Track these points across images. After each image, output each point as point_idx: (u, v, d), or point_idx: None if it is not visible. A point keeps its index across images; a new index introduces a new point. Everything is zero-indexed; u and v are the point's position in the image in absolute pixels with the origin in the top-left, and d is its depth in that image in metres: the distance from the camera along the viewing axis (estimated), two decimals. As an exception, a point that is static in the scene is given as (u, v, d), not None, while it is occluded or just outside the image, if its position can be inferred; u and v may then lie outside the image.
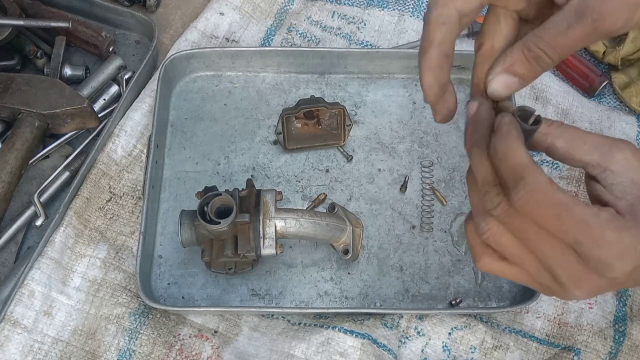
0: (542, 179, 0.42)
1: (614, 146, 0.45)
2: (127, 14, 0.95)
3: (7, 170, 0.80)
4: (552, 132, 0.46)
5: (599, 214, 0.42)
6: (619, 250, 0.42)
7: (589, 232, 0.42)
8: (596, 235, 0.42)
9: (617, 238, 0.42)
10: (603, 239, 0.42)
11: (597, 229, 0.42)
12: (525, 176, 0.42)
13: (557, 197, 0.42)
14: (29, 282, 0.76)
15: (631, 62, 0.94)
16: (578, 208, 0.42)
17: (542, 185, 0.42)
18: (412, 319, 0.77)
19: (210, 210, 0.71)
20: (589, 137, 0.46)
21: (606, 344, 0.76)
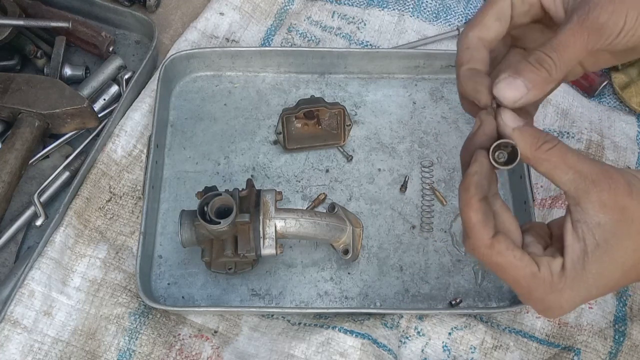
0: (482, 243, 0.47)
1: (592, 184, 0.46)
2: (127, 14, 0.95)
3: (7, 170, 0.80)
4: (537, 157, 0.47)
5: (535, 275, 0.47)
6: (547, 304, 0.48)
7: (520, 289, 0.49)
8: (526, 292, 0.48)
9: (543, 297, 0.48)
10: (531, 296, 0.48)
11: (527, 289, 0.48)
12: (469, 236, 0.48)
13: (494, 259, 0.47)
14: (29, 282, 0.76)
15: (631, 62, 0.94)
16: (512, 270, 0.47)
17: (481, 247, 0.47)
18: (412, 319, 0.77)
19: (210, 210, 0.71)
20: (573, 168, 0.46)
21: (606, 344, 0.76)
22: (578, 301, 0.48)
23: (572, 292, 0.47)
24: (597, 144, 0.87)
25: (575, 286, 0.47)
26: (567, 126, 0.89)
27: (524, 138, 0.48)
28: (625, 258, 0.47)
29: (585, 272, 0.47)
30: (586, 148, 0.86)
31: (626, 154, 0.88)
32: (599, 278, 0.47)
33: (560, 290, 0.47)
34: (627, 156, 0.87)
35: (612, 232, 0.46)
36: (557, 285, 0.47)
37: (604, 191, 0.46)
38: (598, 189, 0.46)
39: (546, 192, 0.85)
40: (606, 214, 0.46)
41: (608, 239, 0.46)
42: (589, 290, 0.48)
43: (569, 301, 0.48)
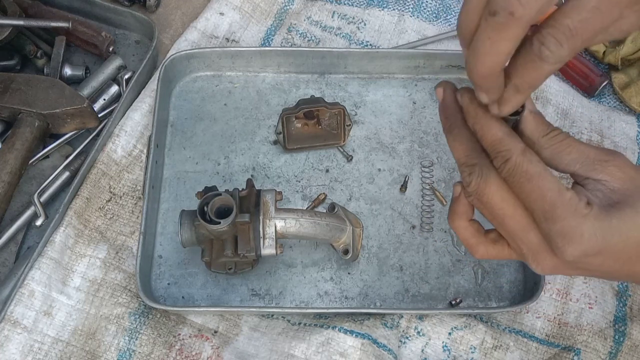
0: (517, 149, 0.46)
1: (597, 160, 0.48)
2: (127, 14, 0.95)
3: (7, 170, 0.80)
4: (542, 143, 0.48)
5: (561, 192, 0.45)
6: (566, 229, 0.45)
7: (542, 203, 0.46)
8: (548, 208, 0.45)
9: (566, 217, 0.45)
10: (553, 213, 0.45)
11: (551, 203, 0.45)
12: (501, 149, 0.46)
13: (526, 167, 0.46)
14: (29, 282, 0.76)
15: (631, 62, 0.94)
16: (541, 180, 0.45)
17: (515, 155, 0.46)
18: (412, 319, 0.77)
19: (210, 210, 0.71)
20: (576, 150, 0.48)
21: (606, 344, 0.76)
22: (600, 238, 0.45)
23: (595, 223, 0.45)
24: (597, 144, 0.87)
25: (599, 220, 0.46)
26: (567, 126, 0.89)
27: (536, 123, 0.49)
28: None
29: (610, 215, 0.46)
30: (586, 148, 0.86)
31: (626, 154, 0.87)
32: (624, 226, 0.46)
33: (584, 216, 0.46)
34: (627, 156, 0.86)
35: (630, 194, 0.47)
36: (582, 210, 0.46)
37: (613, 165, 0.47)
38: (608, 162, 0.47)
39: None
40: (617, 183, 0.47)
41: (627, 198, 0.47)
42: (612, 235, 0.46)
43: (589, 231, 0.45)
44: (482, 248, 0.53)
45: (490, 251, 0.53)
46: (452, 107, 0.50)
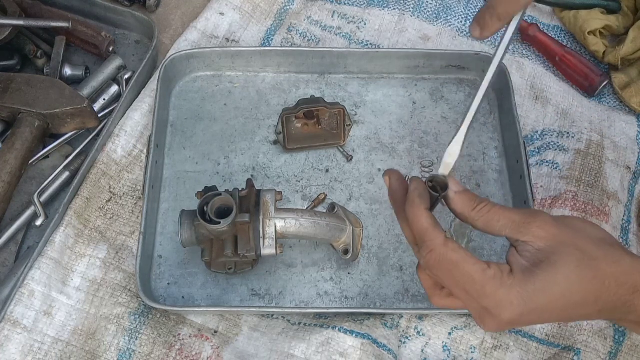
0: (437, 241, 0.52)
1: (522, 223, 0.53)
2: (127, 14, 0.95)
3: (7, 170, 0.80)
4: (472, 216, 0.54)
5: (485, 271, 0.51)
6: (496, 302, 0.51)
7: (473, 285, 0.51)
8: (479, 288, 0.51)
9: (494, 292, 0.51)
10: (484, 291, 0.51)
11: (480, 283, 0.51)
12: (425, 240, 0.53)
13: (449, 256, 0.52)
14: (29, 282, 0.76)
15: (631, 62, 0.94)
16: (466, 265, 0.51)
17: (438, 246, 0.52)
18: (412, 319, 0.77)
19: (210, 210, 0.71)
20: (503, 217, 0.54)
21: (606, 344, 0.76)
22: (527, 301, 0.51)
23: (520, 290, 0.51)
24: (597, 144, 0.87)
25: (524, 287, 0.51)
26: (567, 126, 0.89)
27: (463, 200, 0.55)
28: (568, 273, 0.51)
29: (533, 278, 0.51)
30: (586, 148, 0.86)
31: (626, 154, 0.88)
32: (547, 286, 0.51)
33: (510, 286, 0.51)
34: (627, 156, 0.87)
35: (552, 252, 0.52)
36: (506, 281, 0.51)
37: (534, 226, 0.52)
38: (530, 225, 0.52)
39: (546, 192, 0.85)
40: (541, 242, 0.52)
41: (550, 257, 0.52)
42: (537, 296, 0.51)
43: (517, 298, 0.51)
44: (436, 299, 0.58)
45: (444, 302, 0.58)
46: (399, 193, 0.57)
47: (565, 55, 0.94)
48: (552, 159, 0.87)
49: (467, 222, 0.55)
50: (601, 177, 0.84)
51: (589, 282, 0.52)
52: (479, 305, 0.52)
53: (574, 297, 0.52)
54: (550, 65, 0.96)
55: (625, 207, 0.84)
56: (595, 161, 0.85)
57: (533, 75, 0.94)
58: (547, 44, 0.95)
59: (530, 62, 0.96)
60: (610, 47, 0.95)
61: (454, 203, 0.55)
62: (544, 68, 0.95)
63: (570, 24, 0.97)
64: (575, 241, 0.52)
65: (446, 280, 0.53)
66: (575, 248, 0.52)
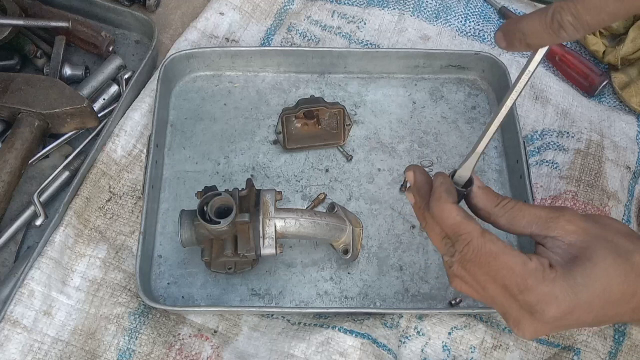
0: (475, 233, 0.50)
1: (549, 218, 0.51)
2: (127, 14, 0.95)
3: (7, 170, 0.80)
4: (495, 212, 0.52)
5: (526, 263, 0.49)
6: (540, 297, 0.49)
7: (514, 278, 0.49)
8: (520, 281, 0.49)
9: (537, 286, 0.48)
10: (526, 285, 0.49)
11: (521, 276, 0.49)
12: (461, 233, 0.50)
13: (488, 247, 0.49)
14: (29, 282, 0.76)
15: (631, 62, 0.94)
16: (506, 257, 0.49)
17: (475, 237, 0.49)
18: (412, 319, 0.77)
19: (210, 210, 0.71)
20: (528, 213, 0.52)
21: (606, 344, 0.76)
22: (572, 296, 0.49)
23: (564, 283, 0.49)
24: (597, 144, 0.87)
25: (566, 280, 0.49)
26: (567, 126, 0.89)
27: (487, 196, 0.53)
28: (607, 267, 0.49)
29: (573, 273, 0.49)
30: (586, 148, 0.86)
31: (626, 154, 0.88)
32: (588, 281, 0.49)
33: (553, 280, 0.49)
34: (627, 156, 0.87)
35: (586, 246, 0.50)
36: (549, 274, 0.49)
37: (563, 222, 0.50)
38: (558, 220, 0.51)
39: (546, 192, 0.85)
40: (572, 237, 0.50)
41: (584, 250, 0.50)
42: (581, 291, 0.49)
43: (562, 292, 0.49)
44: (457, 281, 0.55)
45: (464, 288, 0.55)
46: (424, 188, 0.55)
47: (565, 55, 0.94)
48: (552, 159, 0.87)
49: (489, 221, 0.53)
50: (601, 177, 0.84)
51: (626, 276, 0.50)
52: (517, 305, 0.50)
53: (614, 293, 0.50)
54: (550, 65, 0.96)
55: (625, 207, 0.84)
56: (595, 161, 0.85)
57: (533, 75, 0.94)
58: (547, 44, 0.95)
59: (530, 62, 0.96)
60: (610, 47, 0.95)
61: (477, 198, 0.53)
62: (544, 68, 0.95)
63: (570, 24, 0.97)
64: (607, 235, 0.51)
65: (483, 276, 0.51)
66: (608, 241, 0.50)
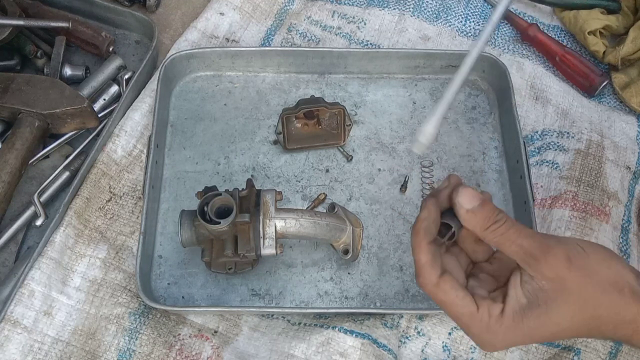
0: (429, 281, 0.53)
1: (535, 255, 0.51)
2: (127, 14, 0.95)
3: (7, 170, 0.80)
4: (484, 236, 0.53)
5: (473, 315, 0.53)
6: (482, 342, 0.54)
7: (460, 324, 0.54)
8: (465, 328, 0.54)
9: (479, 334, 0.53)
10: (469, 331, 0.54)
11: (466, 325, 0.54)
12: (419, 274, 0.54)
13: (439, 296, 0.53)
14: (29, 282, 0.76)
15: (631, 62, 0.94)
16: (454, 307, 0.53)
17: (428, 285, 0.53)
18: (412, 319, 0.77)
19: (210, 210, 0.71)
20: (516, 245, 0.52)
21: (606, 344, 0.76)
22: (510, 344, 0.54)
23: (505, 337, 0.53)
24: (597, 144, 0.87)
25: (510, 332, 0.52)
26: (567, 126, 0.89)
27: (476, 219, 0.53)
28: (561, 320, 0.52)
29: (522, 324, 0.52)
30: (586, 148, 0.86)
31: (626, 154, 0.88)
32: (534, 331, 0.52)
33: (495, 333, 0.52)
34: (627, 156, 0.87)
35: (553, 298, 0.51)
36: (492, 327, 0.52)
37: (543, 265, 0.51)
38: (539, 262, 0.51)
39: (546, 192, 0.85)
40: (547, 283, 0.51)
41: (548, 302, 0.51)
42: (522, 338, 0.53)
43: (501, 342, 0.53)
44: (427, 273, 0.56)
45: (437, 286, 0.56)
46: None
47: (565, 55, 0.94)
48: (552, 159, 0.87)
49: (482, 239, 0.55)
50: (601, 177, 0.84)
51: (584, 325, 0.52)
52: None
53: (564, 334, 0.53)
54: (550, 65, 0.96)
55: (625, 207, 0.84)
56: (595, 161, 0.85)
57: (533, 75, 0.94)
58: (547, 44, 0.95)
59: (530, 62, 0.96)
60: (610, 47, 0.95)
61: (466, 222, 0.54)
62: (544, 68, 0.95)
63: (570, 24, 0.97)
64: (582, 288, 0.51)
65: None
66: (579, 297, 0.51)
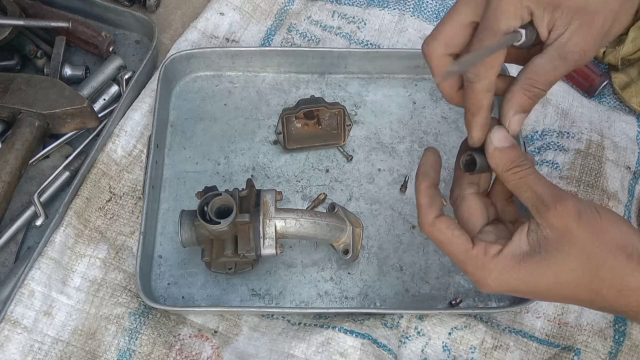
0: (426, 220, 0.57)
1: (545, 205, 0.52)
2: (127, 14, 0.95)
3: (7, 170, 0.80)
4: (504, 177, 0.55)
5: (468, 251, 0.55)
6: (477, 279, 0.55)
7: (456, 260, 0.56)
8: (461, 265, 0.56)
9: (474, 271, 0.55)
10: (465, 268, 0.56)
11: (462, 262, 0.56)
12: (418, 216, 0.57)
13: (435, 235, 0.56)
14: (29, 282, 0.76)
15: (631, 62, 0.94)
16: (450, 246, 0.56)
17: (425, 224, 0.57)
18: (412, 319, 0.77)
19: (210, 210, 0.71)
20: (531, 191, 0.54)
21: (606, 344, 0.76)
22: (504, 285, 0.54)
23: (499, 276, 0.54)
24: (597, 144, 0.87)
25: (505, 273, 0.54)
26: (567, 126, 0.89)
27: (501, 158, 0.55)
28: (560, 271, 0.52)
29: (519, 267, 0.53)
30: (586, 148, 0.86)
31: (626, 154, 0.88)
32: (530, 278, 0.53)
33: (490, 270, 0.54)
34: (627, 156, 0.87)
35: (555, 247, 0.52)
36: (487, 265, 0.54)
37: (553, 213, 0.52)
38: (549, 210, 0.52)
39: (546, 192, 0.85)
40: (553, 232, 0.52)
41: (549, 250, 0.52)
42: (517, 283, 0.54)
43: (495, 282, 0.54)
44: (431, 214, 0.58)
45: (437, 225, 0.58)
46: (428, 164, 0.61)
47: (565, 55, 0.94)
48: (552, 159, 0.87)
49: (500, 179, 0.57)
50: (601, 177, 0.84)
51: (584, 285, 0.52)
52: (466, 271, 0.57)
53: (562, 290, 0.53)
54: (550, 65, 0.96)
55: (625, 207, 0.84)
56: (595, 161, 0.85)
57: (533, 75, 0.94)
58: (547, 44, 0.95)
59: (530, 62, 0.96)
60: (610, 47, 0.95)
61: (490, 159, 0.56)
62: (544, 68, 0.95)
63: (570, 24, 0.97)
64: (588, 244, 0.52)
65: None
66: (583, 251, 0.51)
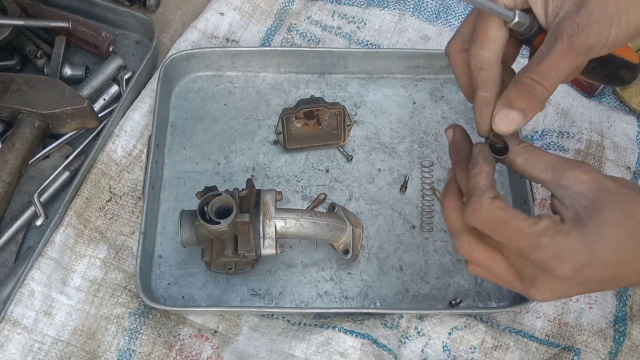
0: (484, 199, 0.50)
1: (566, 166, 0.51)
2: (127, 14, 0.95)
3: (7, 170, 0.80)
4: (515, 150, 0.53)
5: (537, 223, 0.49)
6: (555, 252, 0.48)
7: (527, 238, 0.49)
8: (532, 241, 0.49)
9: (551, 242, 0.48)
10: (539, 244, 0.48)
11: (533, 235, 0.49)
12: (472, 195, 0.51)
13: (496, 213, 0.49)
14: (29, 282, 0.76)
15: (631, 62, 0.94)
16: (515, 221, 0.49)
17: (483, 203, 0.50)
18: (412, 319, 0.77)
19: (210, 210, 0.71)
20: (546, 158, 0.52)
21: (606, 344, 0.76)
22: (585, 246, 0.48)
23: (578, 234, 0.48)
24: (597, 144, 0.87)
25: (580, 231, 0.49)
26: (567, 126, 0.89)
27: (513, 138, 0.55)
28: (618, 220, 0.49)
29: (585, 224, 0.49)
30: (586, 148, 0.86)
31: (626, 154, 0.88)
32: (601, 233, 0.49)
33: (567, 232, 0.49)
34: (627, 156, 0.87)
35: (596, 198, 0.49)
36: (561, 229, 0.49)
37: (577, 169, 0.50)
38: (572, 169, 0.51)
39: (546, 192, 0.85)
40: (584, 185, 0.50)
41: (595, 200, 0.49)
42: (595, 243, 0.48)
43: (577, 244, 0.48)
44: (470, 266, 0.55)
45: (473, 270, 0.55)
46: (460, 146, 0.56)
47: (565, 55, 0.94)
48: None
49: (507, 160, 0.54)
50: (601, 177, 0.84)
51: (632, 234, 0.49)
52: (532, 265, 0.50)
53: (624, 248, 0.49)
54: (550, 65, 0.96)
55: (625, 207, 0.84)
56: (595, 161, 0.85)
57: (533, 75, 0.94)
58: (547, 44, 0.95)
59: (530, 62, 0.96)
60: (610, 47, 0.95)
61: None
62: (544, 68, 0.95)
63: (570, 24, 0.97)
64: (619, 190, 0.50)
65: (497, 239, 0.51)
66: (620, 195, 0.50)
